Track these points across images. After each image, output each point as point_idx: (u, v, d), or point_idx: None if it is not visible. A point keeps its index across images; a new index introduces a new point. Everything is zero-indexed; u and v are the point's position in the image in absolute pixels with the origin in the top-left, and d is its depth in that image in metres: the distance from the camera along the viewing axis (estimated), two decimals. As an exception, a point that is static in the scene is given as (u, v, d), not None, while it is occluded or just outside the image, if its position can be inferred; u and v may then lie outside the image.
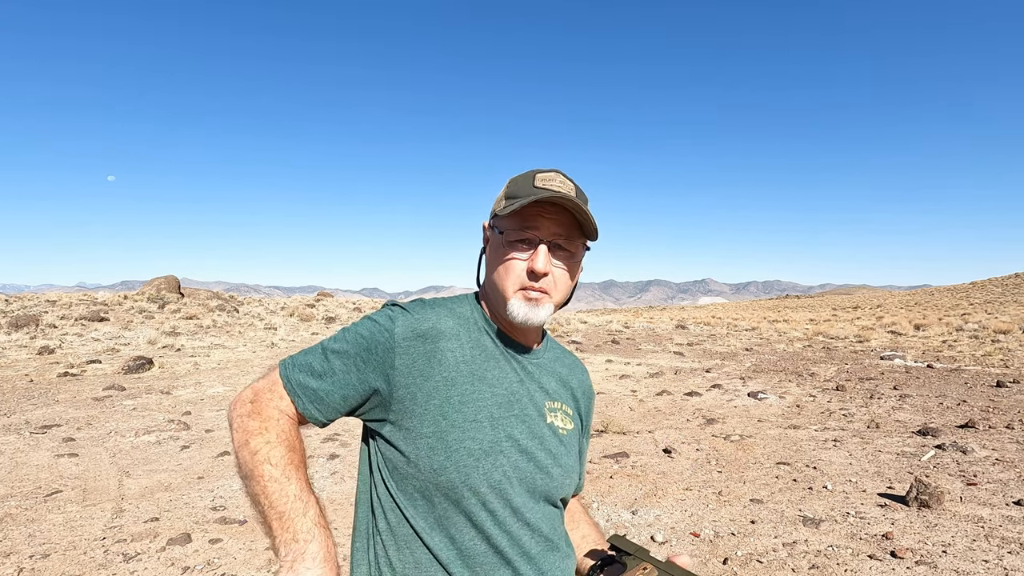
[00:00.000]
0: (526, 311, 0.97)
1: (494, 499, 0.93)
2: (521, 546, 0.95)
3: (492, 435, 0.95)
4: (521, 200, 0.96)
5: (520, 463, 0.96)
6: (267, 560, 3.37)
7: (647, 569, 1.05)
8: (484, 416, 0.95)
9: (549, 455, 1.01)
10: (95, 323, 15.34)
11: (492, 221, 1.04)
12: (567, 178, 1.03)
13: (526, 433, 0.99)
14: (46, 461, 5.15)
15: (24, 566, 3.23)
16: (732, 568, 3.23)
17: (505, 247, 0.99)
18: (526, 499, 0.97)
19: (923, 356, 12.65)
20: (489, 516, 0.93)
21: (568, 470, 1.05)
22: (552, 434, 1.03)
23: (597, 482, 4.71)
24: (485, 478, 0.92)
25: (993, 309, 35.11)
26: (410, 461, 0.92)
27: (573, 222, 1.00)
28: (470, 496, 0.92)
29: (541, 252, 0.97)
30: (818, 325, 23.43)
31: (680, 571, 1.08)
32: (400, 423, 0.94)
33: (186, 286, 23.51)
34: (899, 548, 3.35)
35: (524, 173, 1.03)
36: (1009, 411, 6.91)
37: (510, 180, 1.04)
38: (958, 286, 69.52)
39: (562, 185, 1.00)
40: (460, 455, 0.92)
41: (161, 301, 19.07)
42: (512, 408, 0.98)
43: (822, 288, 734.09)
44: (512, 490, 0.95)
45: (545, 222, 0.98)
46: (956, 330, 18.48)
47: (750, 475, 4.82)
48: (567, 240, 1.00)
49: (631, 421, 6.92)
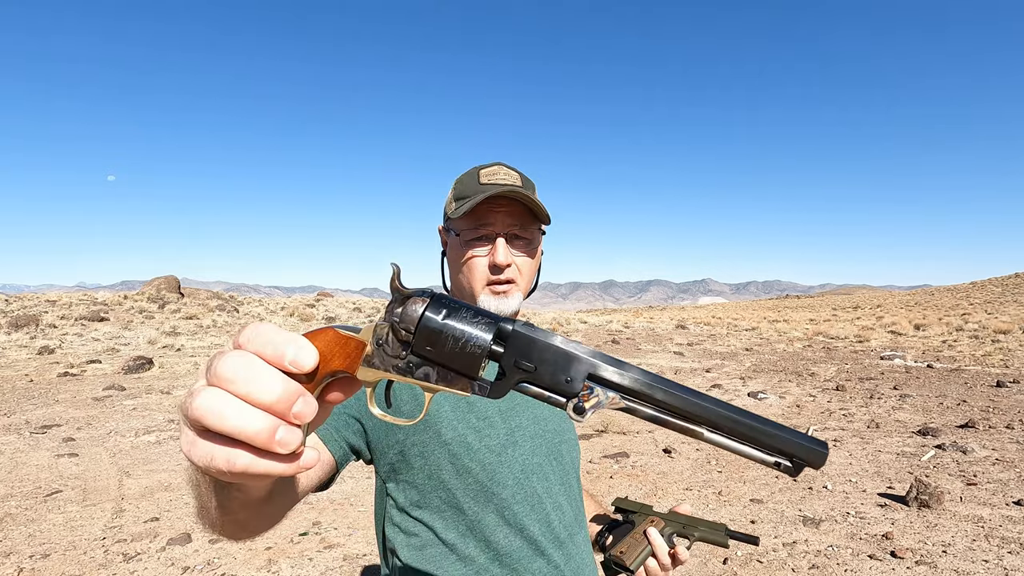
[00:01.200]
0: (496, 304, 1.00)
1: (522, 490, 0.95)
2: (553, 531, 0.97)
3: (505, 428, 0.98)
4: (471, 200, 0.98)
5: (536, 448, 1.00)
6: (267, 560, 3.38)
7: (655, 521, 1.15)
8: (493, 411, 0.98)
9: (555, 433, 1.05)
10: (95, 323, 15.34)
11: (446, 224, 1.07)
12: (511, 168, 1.06)
13: (531, 418, 1.02)
14: (46, 461, 5.15)
15: (24, 566, 3.23)
16: (732, 568, 3.23)
17: (464, 247, 1.02)
18: (550, 482, 1.00)
19: (923, 356, 12.65)
20: (521, 507, 0.95)
21: (572, 443, 1.10)
22: (552, 413, 1.06)
23: (597, 482, 4.72)
24: (510, 471, 0.95)
25: (993, 309, 35.12)
26: (432, 475, 0.93)
27: (524, 211, 1.03)
28: (501, 491, 0.94)
29: (500, 245, 1.00)
30: (818, 325, 23.44)
31: (684, 517, 1.19)
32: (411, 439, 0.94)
33: (186, 286, 23.52)
34: (899, 548, 3.35)
35: (468, 171, 1.06)
36: (1009, 411, 6.91)
37: (456, 180, 1.07)
38: (958, 286, 69.57)
39: (507, 176, 1.02)
40: (483, 454, 0.94)
41: (161, 301, 19.08)
42: (515, 397, 1.00)
43: (822, 288, 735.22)
44: (536, 475, 0.98)
45: (498, 216, 1.01)
46: (956, 330, 18.48)
47: (750, 475, 4.82)
48: (522, 229, 1.03)
49: (631, 421, 6.92)
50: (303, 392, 0.40)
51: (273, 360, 0.40)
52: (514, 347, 0.46)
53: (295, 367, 0.40)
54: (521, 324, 0.47)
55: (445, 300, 0.46)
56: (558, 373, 0.45)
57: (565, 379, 0.45)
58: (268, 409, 0.38)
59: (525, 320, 0.50)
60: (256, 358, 0.40)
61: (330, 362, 0.44)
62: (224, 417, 0.38)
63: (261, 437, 0.38)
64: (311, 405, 0.40)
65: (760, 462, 0.46)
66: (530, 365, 0.45)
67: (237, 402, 0.38)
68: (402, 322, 0.45)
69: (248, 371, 0.39)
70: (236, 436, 0.38)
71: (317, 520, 3.96)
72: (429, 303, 0.45)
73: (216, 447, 0.39)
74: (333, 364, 0.44)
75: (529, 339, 0.46)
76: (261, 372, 0.39)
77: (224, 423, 0.38)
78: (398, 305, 0.46)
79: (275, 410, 0.39)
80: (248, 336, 0.41)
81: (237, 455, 0.39)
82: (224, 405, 0.38)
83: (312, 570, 3.27)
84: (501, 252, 0.99)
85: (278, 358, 0.40)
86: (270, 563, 3.34)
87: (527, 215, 1.03)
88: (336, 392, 0.46)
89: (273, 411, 0.39)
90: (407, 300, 0.46)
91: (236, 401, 0.38)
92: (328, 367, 0.44)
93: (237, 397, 0.38)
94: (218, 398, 0.38)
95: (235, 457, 0.39)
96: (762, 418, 0.46)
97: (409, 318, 0.45)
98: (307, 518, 3.99)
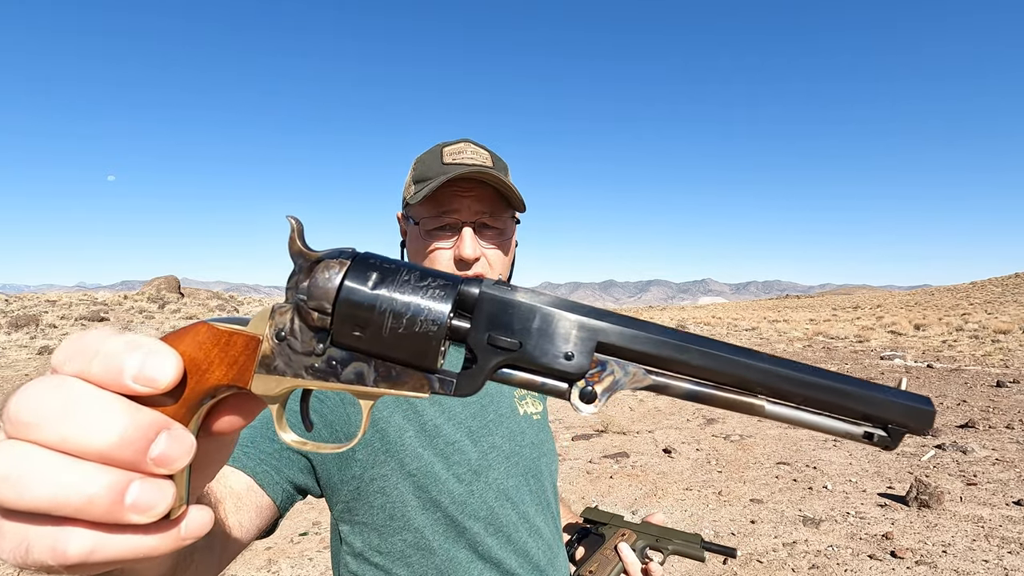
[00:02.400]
0: None
1: (496, 520, 0.84)
2: (531, 560, 0.87)
3: (476, 451, 0.84)
4: (432, 183, 0.83)
5: (512, 469, 0.88)
6: (267, 560, 3.38)
7: (625, 535, 1.09)
8: (461, 433, 0.84)
9: (533, 447, 0.94)
10: (95, 323, 15.36)
11: (405, 211, 0.91)
12: (479, 146, 0.90)
13: (506, 435, 0.89)
14: (46, 461, 5.16)
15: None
16: (732, 568, 3.23)
17: (424, 237, 0.87)
18: (526, 505, 0.89)
19: (923, 356, 12.66)
20: (496, 540, 0.83)
21: (551, 455, 1.00)
22: (529, 425, 0.95)
23: (597, 482, 4.72)
24: (482, 500, 0.83)
25: (993, 309, 35.13)
26: (394, 514, 0.79)
27: (495, 195, 0.88)
28: (472, 524, 0.81)
29: (466, 236, 0.85)
30: (818, 325, 23.45)
31: (657, 529, 1.12)
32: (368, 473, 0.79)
33: (186, 286, 23.54)
34: (899, 548, 3.35)
35: (430, 149, 0.90)
36: (1009, 411, 6.91)
37: (416, 160, 0.91)
38: (958, 286, 69.58)
39: (475, 155, 0.87)
40: (452, 484, 0.80)
41: (161, 301, 19.10)
42: (486, 413, 0.89)
43: (822, 288, 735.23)
44: (510, 502, 0.86)
45: (464, 201, 0.85)
46: (956, 330, 18.49)
47: (750, 475, 4.83)
48: (492, 217, 0.88)
49: (631, 421, 6.93)
50: (166, 423, 0.26)
51: (106, 381, 0.26)
52: (485, 317, 0.32)
53: (145, 385, 0.26)
54: (492, 284, 0.33)
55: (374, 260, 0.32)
56: (553, 347, 0.32)
57: (565, 354, 0.32)
58: (105, 459, 0.25)
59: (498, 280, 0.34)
60: (77, 382, 0.26)
61: (208, 373, 0.29)
62: (26, 485, 0.24)
63: (99, 504, 0.24)
64: (182, 442, 0.26)
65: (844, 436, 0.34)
66: (512, 340, 0.31)
67: (48, 457, 0.24)
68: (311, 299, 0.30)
69: (64, 404, 0.25)
70: (55, 511, 0.24)
71: (317, 520, 3.96)
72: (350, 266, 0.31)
73: (32, 530, 0.25)
74: (213, 376, 0.29)
75: (506, 303, 0.32)
76: (86, 402, 0.25)
77: (27, 494, 0.24)
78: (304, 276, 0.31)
79: (118, 458, 0.25)
80: (65, 354, 0.26)
81: (67, 538, 0.25)
82: (26, 466, 0.24)
83: (312, 570, 3.27)
84: (468, 244, 0.84)
85: (114, 375, 0.26)
86: (270, 563, 3.34)
87: (498, 201, 0.88)
88: (227, 416, 0.31)
89: (115, 460, 0.25)
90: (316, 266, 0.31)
91: (46, 455, 0.25)
92: (205, 381, 0.29)
93: (48, 448, 0.25)
94: (16, 457, 0.24)
95: (64, 542, 0.25)
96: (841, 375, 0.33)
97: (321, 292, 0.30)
98: (307, 518, 3.99)
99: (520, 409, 0.96)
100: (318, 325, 0.30)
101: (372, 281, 0.31)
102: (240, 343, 0.30)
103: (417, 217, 0.88)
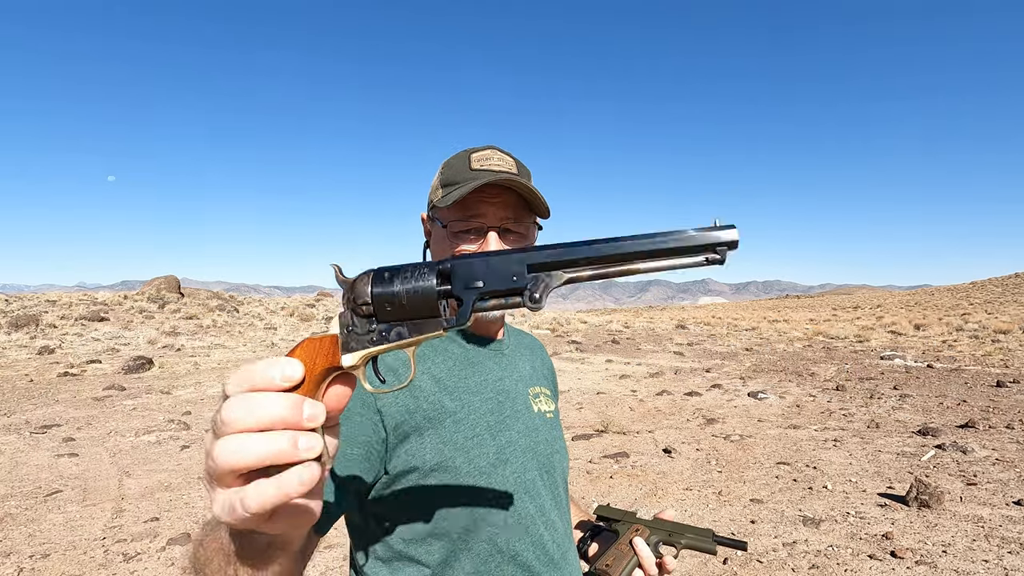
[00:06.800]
0: None
1: (514, 512, 0.88)
2: (547, 552, 0.90)
3: (494, 445, 0.89)
4: (461, 187, 0.88)
5: (528, 463, 0.92)
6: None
7: (639, 530, 1.10)
8: (482, 428, 0.89)
9: (547, 444, 0.98)
10: (95, 323, 15.34)
11: (431, 212, 0.96)
12: (505, 153, 0.96)
13: (523, 432, 0.94)
14: (46, 461, 5.15)
15: (24, 566, 3.23)
16: (732, 568, 3.23)
17: (450, 239, 0.92)
18: (542, 499, 0.93)
19: (923, 356, 12.66)
20: (514, 532, 0.87)
21: (563, 452, 1.03)
22: (543, 422, 0.99)
23: (597, 482, 4.72)
24: (501, 493, 0.87)
25: (993, 309, 35.12)
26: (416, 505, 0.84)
27: (519, 201, 0.93)
28: (491, 516, 0.86)
29: (491, 240, 0.90)
30: (818, 325, 23.45)
31: (670, 524, 1.14)
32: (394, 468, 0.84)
33: (186, 286, 23.53)
34: (899, 548, 3.35)
35: (457, 154, 0.95)
36: (1009, 411, 6.91)
37: (444, 164, 0.96)
38: (958, 286, 69.54)
39: (501, 162, 0.92)
40: (472, 477, 0.85)
41: (161, 301, 19.08)
42: (503, 409, 0.93)
43: (822, 288, 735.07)
44: (528, 494, 0.90)
45: (490, 207, 0.90)
46: (956, 330, 18.49)
47: (750, 475, 4.82)
48: (516, 222, 0.92)
49: (631, 421, 6.93)
50: (305, 398, 0.43)
51: (265, 385, 0.42)
52: (458, 276, 0.51)
53: (287, 381, 0.43)
54: (454, 258, 0.51)
55: (386, 269, 0.52)
56: (504, 277, 0.50)
57: (512, 279, 0.50)
58: (282, 424, 0.41)
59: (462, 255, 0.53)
60: (249, 392, 0.42)
61: (316, 364, 0.47)
62: (247, 449, 0.40)
63: (288, 450, 0.40)
64: (318, 406, 0.43)
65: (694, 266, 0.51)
66: (479, 283, 0.50)
67: (252, 434, 0.40)
68: (358, 301, 0.50)
69: (248, 404, 0.41)
70: (266, 461, 0.40)
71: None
72: (373, 275, 0.51)
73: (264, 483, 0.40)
74: (319, 365, 0.47)
75: (467, 263, 0.51)
76: (260, 399, 0.41)
77: (250, 453, 0.40)
78: (350, 291, 0.51)
79: (288, 422, 0.41)
80: (233, 383, 0.43)
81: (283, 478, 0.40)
82: (242, 440, 0.40)
83: (312, 570, 3.27)
84: (492, 247, 0.88)
85: (268, 382, 0.42)
86: (270, 563, 3.34)
87: (522, 206, 0.93)
88: (335, 386, 0.48)
89: (287, 424, 0.41)
90: (355, 283, 0.51)
91: (250, 435, 0.40)
92: (316, 369, 0.47)
93: (249, 432, 0.40)
94: (234, 439, 0.40)
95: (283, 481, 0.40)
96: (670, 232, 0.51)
97: (362, 295, 0.50)
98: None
99: (534, 407, 1.00)
100: (366, 313, 0.50)
101: (387, 279, 0.50)
102: (328, 341, 0.48)
103: (444, 219, 0.92)
